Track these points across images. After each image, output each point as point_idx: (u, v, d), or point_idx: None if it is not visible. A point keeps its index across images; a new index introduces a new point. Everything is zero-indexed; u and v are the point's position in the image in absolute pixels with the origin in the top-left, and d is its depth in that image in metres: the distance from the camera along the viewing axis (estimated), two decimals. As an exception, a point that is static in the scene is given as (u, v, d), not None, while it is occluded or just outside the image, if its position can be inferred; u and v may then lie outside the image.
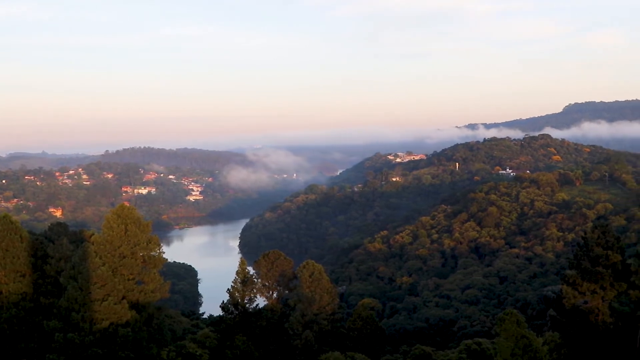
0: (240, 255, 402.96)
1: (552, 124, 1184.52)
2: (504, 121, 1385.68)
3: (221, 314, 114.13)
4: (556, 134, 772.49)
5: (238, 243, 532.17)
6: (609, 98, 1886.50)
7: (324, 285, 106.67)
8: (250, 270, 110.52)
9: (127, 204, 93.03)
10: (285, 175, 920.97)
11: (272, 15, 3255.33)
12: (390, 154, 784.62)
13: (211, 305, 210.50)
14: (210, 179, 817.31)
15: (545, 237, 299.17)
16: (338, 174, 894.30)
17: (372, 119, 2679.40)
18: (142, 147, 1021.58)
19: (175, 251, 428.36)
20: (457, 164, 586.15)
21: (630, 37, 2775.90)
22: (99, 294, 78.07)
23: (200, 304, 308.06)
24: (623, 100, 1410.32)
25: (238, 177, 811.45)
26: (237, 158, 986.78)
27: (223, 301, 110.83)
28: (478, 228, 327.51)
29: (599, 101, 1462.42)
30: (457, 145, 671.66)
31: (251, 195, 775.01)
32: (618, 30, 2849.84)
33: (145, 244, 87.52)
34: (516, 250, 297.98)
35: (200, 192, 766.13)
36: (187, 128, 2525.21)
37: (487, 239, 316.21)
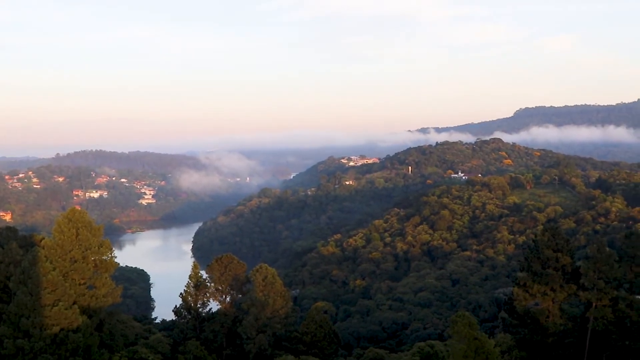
0: (193, 259, 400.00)
1: (503, 128, 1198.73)
2: (456, 125, 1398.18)
3: (174, 318, 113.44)
4: (506, 138, 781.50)
5: (191, 247, 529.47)
6: (559, 103, 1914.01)
7: (278, 289, 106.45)
8: (203, 274, 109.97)
9: (78, 207, 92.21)
10: (238, 179, 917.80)
11: (226, 18, 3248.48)
12: (343, 158, 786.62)
13: (164, 309, 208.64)
14: (162, 183, 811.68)
15: (496, 240, 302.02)
16: (291, 177, 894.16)
17: (326, 123, 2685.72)
18: (94, 150, 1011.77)
19: (127, 255, 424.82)
20: (410, 167, 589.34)
21: (581, 43, 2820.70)
22: (50, 299, 77.00)
23: (152, 309, 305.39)
24: (572, 105, 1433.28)
25: (191, 180, 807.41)
26: (189, 161, 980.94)
27: (176, 306, 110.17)
28: (431, 231, 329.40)
29: (549, 106, 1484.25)
30: (409, 149, 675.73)
31: (204, 199, 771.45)
32: (569, 37, 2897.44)
33: (96, 248, 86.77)
34: (468, 253, 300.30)
35: (153, 196, 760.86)
36: (140, 131, 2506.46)
37: (440, 242, 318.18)
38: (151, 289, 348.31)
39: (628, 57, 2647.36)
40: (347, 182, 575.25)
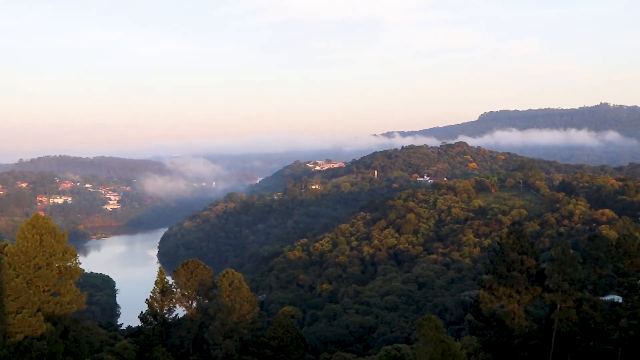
0: (159, 265, 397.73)
1: (467, 132, 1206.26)
2: (421, 129, 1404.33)
3: (140, 324, 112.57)
4: (471, 142, 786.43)
5: (157, 252, 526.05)
6: (523, 107, 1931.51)
7: (244, 294, 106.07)
8: (169, 280, 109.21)
9: (42, 213, 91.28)
10: (204, 184, 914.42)
11: (191, 22, 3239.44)
12: (309, 162, 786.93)
13: (129, 316, 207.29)
14: (128, 188, 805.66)
15: (462, 243, 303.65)
16: (257, 182, 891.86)
17: (291, 127, 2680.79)
18: (58, 155, 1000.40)
19: (92, 261, 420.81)
20: (375, 171, 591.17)
21: (544, 48, 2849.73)
22: (13, 307, 76.16)
23: (118, 315, 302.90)
24: (536, 109, 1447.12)
25: (156, 185, 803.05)
26: (155, 167, 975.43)
27: (142, 312, 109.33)
28: (397, 235, 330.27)
29: (513, 110, 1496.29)
30: (375, 153, 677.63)
31: (170, 204, 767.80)
32: (532, 42, 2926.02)
33: (61, 254, 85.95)
34: (434, 256, 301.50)
35: (118, 201, 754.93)
36: (104, 136, 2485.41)
37: (406, 245, 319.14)
38: (117, 295, 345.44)
39: (591, 62, 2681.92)
40: (314, 187, 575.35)
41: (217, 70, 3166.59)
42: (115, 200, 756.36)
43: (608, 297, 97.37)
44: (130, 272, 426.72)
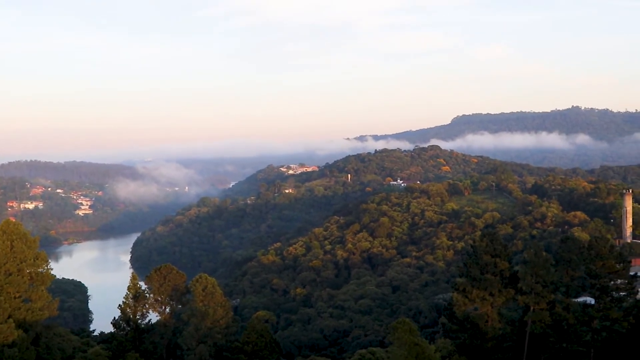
0: (131, 270, 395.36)
1: (440, 136, 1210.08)
2: (394, 133, 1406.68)
3: (112, 330, 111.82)
4: (443, 145, 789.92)
5: (129, 258, 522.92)
6: (495, 110, 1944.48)
7: (218, 298, 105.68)
8: (142, 285, 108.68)
9: (12, 219, 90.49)
10: (176, 188, 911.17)
11: (162, 25, 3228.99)
12: (282, 166, 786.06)
13: (102, 322, 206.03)
14: (100, 193, 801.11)
15: (435, 246, 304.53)
16: (231, 186, 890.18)
17: (264, 131, 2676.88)
18: (29, 160, 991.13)
19: (64, 267, 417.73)
20: (349, 175, 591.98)
21: (517, 51, 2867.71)
22: (-17, 314, 75.29)
23: (90, 321, 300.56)
24: (508, 112, 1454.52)
25: (128, 190, 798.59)
26: (127, 171, 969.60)
27: (114, 317, 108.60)
28: (370, 238, 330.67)
29: (485, 113, 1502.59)
30: (348, 156, 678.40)
31: (142, 209, 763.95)
32: (505, 45, 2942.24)
33: (32, 260, 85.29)
34: (408, 259, 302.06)
35: (90, 206, 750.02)
36: (76, 141, 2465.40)
37: (380, 249, 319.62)
38: (89, 301, 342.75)
39: (563, 66, 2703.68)
40: (287, 191, 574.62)
41: (189, 74, 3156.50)
42: (87, 205, 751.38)
43: (580, 299, 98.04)
44: (102, 277, 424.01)
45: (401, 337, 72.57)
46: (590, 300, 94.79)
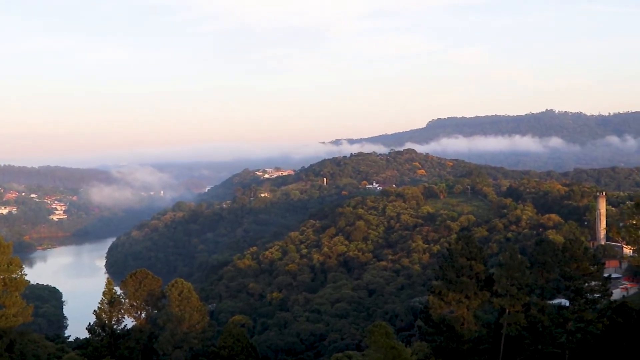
0: (106, 276, 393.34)
1: (415, 139, 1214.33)
2: (369, 136, 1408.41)
3: (88, 336, 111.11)
4: (418, 148, 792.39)
5: (104, 263, 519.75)
6: (470, 114, 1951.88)
7: (194, 303, 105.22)
8: (118, 290, 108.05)
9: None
10: (152, 193, 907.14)
11: (137, 29, 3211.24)
12: (258, 170, 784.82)
13: (77, 327, 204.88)
14: (74, 198, 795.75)
15: (411, 250, 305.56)
16: (206, 190, 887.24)
17: (239, 135, 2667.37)
18: (2, 165, 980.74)
19: (38, 273, 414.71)
20: (324, 179, 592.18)
21: (491, 55, 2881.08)
22: (-44, 320, 74.56)
23: (65, 327, 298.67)
24: (483, 115, 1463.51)
25: (103, 195, 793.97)
26: (101, 176, 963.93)
27: (89, 323, 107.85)
28: (346, 242, 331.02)
29: (460, 117, 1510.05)
30: (324, 160, 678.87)
31: (117, 213, 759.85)
32: (480, 49, 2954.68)
33: (5, 266, 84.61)
34: (384, 263, 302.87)
35: (65, 211, 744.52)
36: (50, 145, 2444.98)
37: (356, 252, 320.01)
38: (64, 307, 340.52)
39: (537, 69, 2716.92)
40: (263, 195, 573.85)
41: (163, 78, 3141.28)
42: (61, 210, 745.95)
43: (555, 301, 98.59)
44: (77, 283, 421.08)
45: (377, 340, 72.67)
46: (565, 302, 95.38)
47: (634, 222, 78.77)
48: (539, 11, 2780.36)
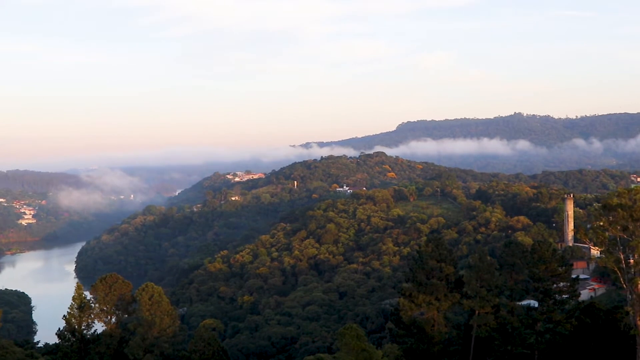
0: (76, 280, 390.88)
1: (385, 142, 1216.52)
2: (339, 140, 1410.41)
3: (57, 341, 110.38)
4: (387, 151, 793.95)
5: (74, 267, 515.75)
6: (440, 117, 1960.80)
7: (164, 307, 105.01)
8: (87, 295, 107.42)
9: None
10: (122, 197, 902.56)
11: (106, 33, 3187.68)
12: (229, 173, 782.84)
13: (47, 333, 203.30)
14: (43, 202, 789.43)
15: (382, 252, 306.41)
16: (177, 194, 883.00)
17: (210, 139, 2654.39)
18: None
19: (7, 278, 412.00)
20: (295, 182, 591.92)
21: (462, 59, 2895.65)
22: None
23: (35, 333, 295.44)
24: (452, 119, 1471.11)
25: (72, 199, 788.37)
26: (70, 180, 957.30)
27: (59, 328, 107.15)
28: (317, 245, 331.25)
29: (430, 120, 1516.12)
30: (295, 163, 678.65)
31: (87, 217, 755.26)
32: (450, 53, 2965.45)
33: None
34: (355, 265, 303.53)
35: (33, 216, 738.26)
36: (18, 149, 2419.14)
37: (327, 255, 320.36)
38: (33, 312, 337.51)
39: (506, 73, 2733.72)
40: (233, 198, 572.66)
41: (132, 82, 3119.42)
42: (30, 214, 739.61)
43: (524, 302, 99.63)
44: (47, 288, 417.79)
45: (348, 342, 73.01)
46: (534, 303, 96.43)
47: (601, 223, 79.64)
48: (506, 16, 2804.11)
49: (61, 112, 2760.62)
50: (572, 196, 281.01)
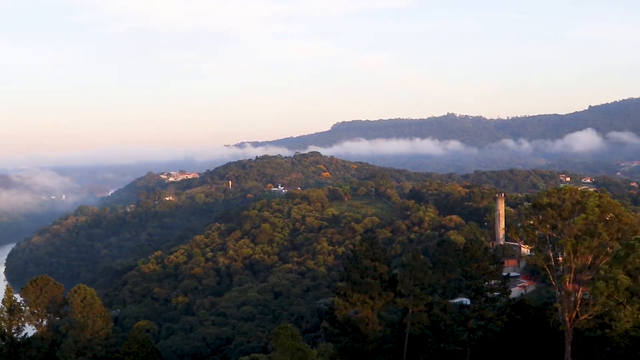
0: (6, 283, 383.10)
1: (320, 142, 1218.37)
2: (274, 139, 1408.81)
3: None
4: (322, 151, 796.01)
5: (4, 269, 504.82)
6: (374, 117, 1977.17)
7: (97, 309, 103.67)
8: (18, 297, 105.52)
9: None
10: (53, 197, 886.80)
11: (35, 30, 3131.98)
12: (163, 173, 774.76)
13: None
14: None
15: (316, 252, 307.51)
16: (110, 194, 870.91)
17: (143, 138, 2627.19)
18: None
19: None
20: (230, 182, 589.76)
21: (396, 60, 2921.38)
22: None
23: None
24: (387, 119, 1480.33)
25: (1, 199, 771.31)
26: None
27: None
28: (252, 245, 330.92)
29: (364, 120, 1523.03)
30: (229, 163, 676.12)
31: (17, 218, 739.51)
32: (384, 55, 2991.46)
33: None
34: (289, 265, 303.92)
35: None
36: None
37: (261, 255, 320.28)
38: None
39: (439, 75, 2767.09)
40: (167, 198, 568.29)
41: (64, 79, 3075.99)
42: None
43: (457, 300, 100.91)
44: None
45: (283, 342, 73.23)
46: (466, 301, 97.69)
47: (532, 222, 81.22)
48: (440, 19, 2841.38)
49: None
50: (503, 195, 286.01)
